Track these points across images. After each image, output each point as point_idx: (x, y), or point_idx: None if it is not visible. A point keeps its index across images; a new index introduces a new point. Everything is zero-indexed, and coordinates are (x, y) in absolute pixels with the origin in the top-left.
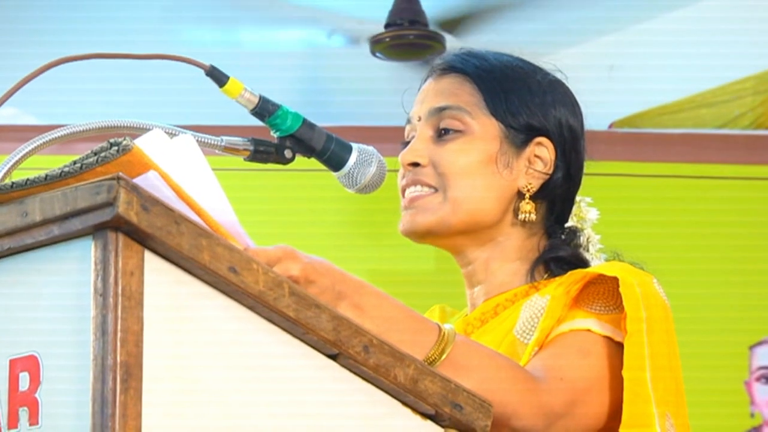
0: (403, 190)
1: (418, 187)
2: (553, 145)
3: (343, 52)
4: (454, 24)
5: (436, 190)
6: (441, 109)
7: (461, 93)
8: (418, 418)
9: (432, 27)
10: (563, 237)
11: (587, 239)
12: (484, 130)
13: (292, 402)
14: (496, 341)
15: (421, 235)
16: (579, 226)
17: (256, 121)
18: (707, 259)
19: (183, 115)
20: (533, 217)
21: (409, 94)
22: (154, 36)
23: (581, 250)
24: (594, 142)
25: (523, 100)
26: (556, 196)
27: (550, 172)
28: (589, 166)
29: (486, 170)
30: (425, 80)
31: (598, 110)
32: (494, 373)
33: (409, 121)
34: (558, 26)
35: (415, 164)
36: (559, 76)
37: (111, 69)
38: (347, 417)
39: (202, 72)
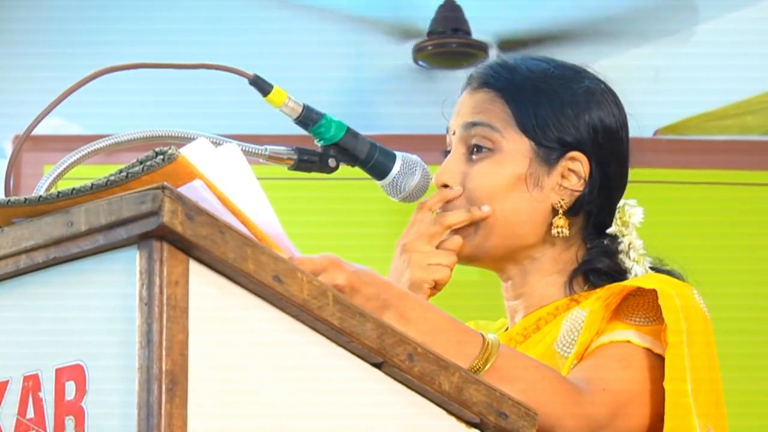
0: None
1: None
2: (587, 158)
3: (385, 61)
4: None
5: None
6: (472, 125)
7: (492, 110)
8: (462, 426)
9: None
10: (605, 243)
11: (629, 245)
12: (513, 148)
13: (337, 411)
14: (538, 356)
15: (462, 262)
16: (621, 231)
17: (300, 131)
18: (754, 264)
19: (227, 125)
20: (566, 232)
21: (450, 103)
22: (196, 48)
23: (622, 256)
24: (639, 149)
25: (554, 113)
26: (591, 209)
27: (583, 186)
28: (633, 174)
29: (514, 191)
30: (462, 90)
31: (644, 117)
32: (538, 383)
33: (448, 131)
34: (602, 31)
35: (446, 185)
36: (600, 76)
37: (155, 79)
38: (392, 425)
39: (245, 81)
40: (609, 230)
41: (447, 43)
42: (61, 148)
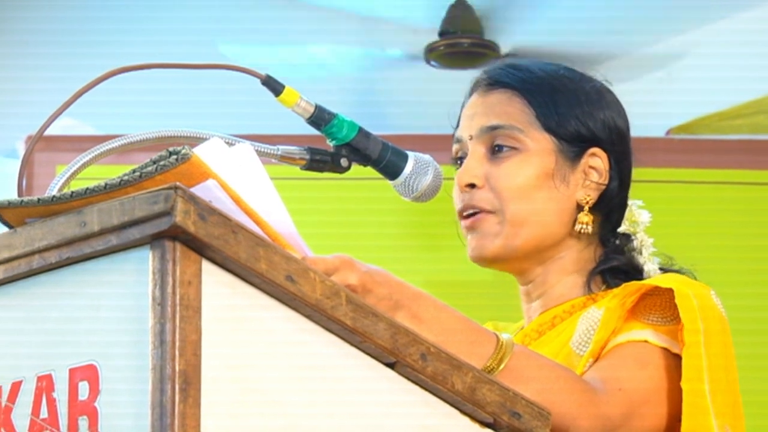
0: (460, 213)
1: (473, 211)
2: (606, 154)
3: (397, 61)
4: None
5: (493, 212)
6: (493, 128)
7: (511, 110)
8: (476, 426)
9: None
10: (617, 243)
11: (640, 243)
12: (538, 146)
13: (351, 411)
14: (552, 353)
15: (490, 261)
16: (631, 230)
17: (312, 131)
18: (767, 263)
19: (239, 125)
20: (590, 229)
21: (456, 105)
22: (208, 48)
23: (635, 254)
24: (651, 149)
25: (572, 109)
26: (614, 206)
27: (606, 182)
28: (646, 173)
29: (543, 186)
30: (470, 95)
31: (656, 116)
32: (553, 383)
33: (458, 141)
34: (616, 31)
35: (472, 185)
36: (605, 83)
37: (168, 79)
38: (405, 425)
39: (258, 82)
40: (621, 229)
41: (459, 43)
42: (73, 148)
